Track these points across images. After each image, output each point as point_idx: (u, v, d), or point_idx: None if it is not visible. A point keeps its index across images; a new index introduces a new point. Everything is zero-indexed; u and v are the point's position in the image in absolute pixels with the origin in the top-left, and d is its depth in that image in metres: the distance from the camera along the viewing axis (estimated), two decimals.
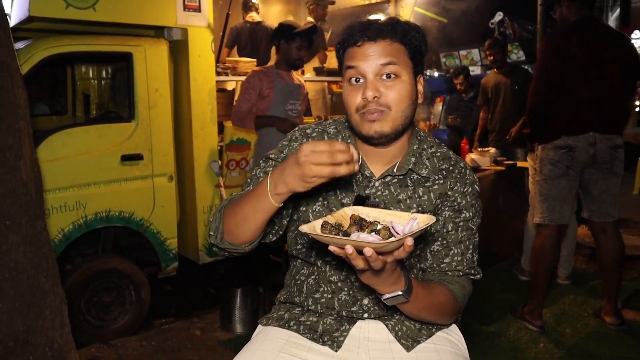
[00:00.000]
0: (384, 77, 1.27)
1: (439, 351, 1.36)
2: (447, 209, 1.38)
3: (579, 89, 2.98)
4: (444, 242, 1.38)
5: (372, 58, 1.27)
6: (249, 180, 1.44)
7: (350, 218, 1.15)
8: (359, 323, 1.40)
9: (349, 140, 1.40)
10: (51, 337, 2.19)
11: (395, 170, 1.37)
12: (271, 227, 1.40)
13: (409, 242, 1.01)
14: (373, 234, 1.09)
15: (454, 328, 1.49)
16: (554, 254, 3.21)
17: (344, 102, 1.33)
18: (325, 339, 1.37)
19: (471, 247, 1.40)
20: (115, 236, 3.74)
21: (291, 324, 1.42)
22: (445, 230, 1.38)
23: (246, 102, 3.74)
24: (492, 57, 4.88)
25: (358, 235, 1.07)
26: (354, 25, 1.31)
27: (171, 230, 3.79)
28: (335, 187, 1.38)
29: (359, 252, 1.02)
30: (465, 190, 1.39)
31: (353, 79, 1.30)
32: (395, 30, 1.29)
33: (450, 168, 1.40)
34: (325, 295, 1.41)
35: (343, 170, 1.08)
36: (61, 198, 3.30)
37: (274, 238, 1.44)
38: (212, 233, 1.34)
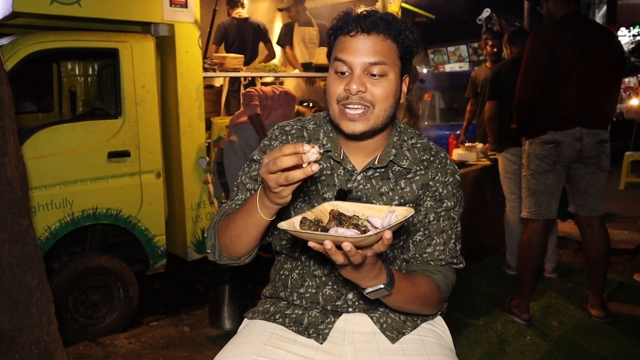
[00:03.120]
0: (370, 75, 1.27)
1: (424, 342, 1.37)
2: (428, 199, 1.39)
3: (566, 84, 3.00)
4: (426, 232, 1.39)
5: (362, 54, 1.26)
6: (235, 188, 1.44)
7: (330, 213, 1.14)
8: (344, 316, 1.41)
9: (330, 135, 1.40)
10: (38, 335, 2.18)
11: (376, 162, 1.37)
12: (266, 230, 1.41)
13: (387, 235, 1.01)
14: (352, 228, 1.09)
15: (438, 320, 1.50)
16: (541, 249, 3.23)
17: (326, 90, 1.33)
18: (311, 332, 1.38)
19: (453, 236, 1.41)
20: (102, 233, 3.73)
21: (277, 317, 1.42)
22: (427, 220, 1.39)
23: (264, 99, 4.01)
24: (491, 49, 4.87)
25: (336, 230, 1.07)
26: (349, 14, 1.29)
27: (159, 227, 3.78)
28: (317, 183, 1.38)
29: (339, 247, 1.02)
30: (446, 179, 1.40)
31: (339, 72, 1.29)
32: (391, 26, 1.27)
33: (431, 158, 1.41)
34: (309, 290, 1.42)
35: (297, 175, 1.03)
36: (47, 195, 3.28)
37: (270, 239, 1.46)
38: (209, 251, 1.35)
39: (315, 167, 1.03)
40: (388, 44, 1.28)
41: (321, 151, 1.06)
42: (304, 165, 1.03)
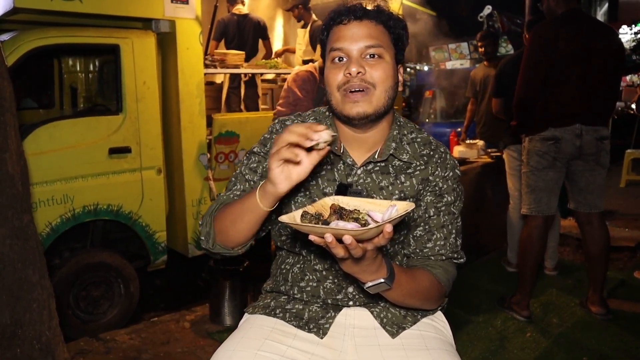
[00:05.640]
0: (368, 56, 1.30)
1: (424, 337, 1.37)
2: (429, 194, 1.40)
3: (566, 81, 3.00)
4: (427, 227, 1.40)
5: (357, 38, 1.30)
6: (233, 179, 1.45)
7: (330, 207, 1.15)
8: (345, 310, 1.41)
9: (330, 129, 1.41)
10: (39, 330, 2.19)
11: (376, 156, 1.38)
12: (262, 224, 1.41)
13: (388, 228, 1.01)
14: (352, 222, 1.09)
15: (439, 315, 1.50)
16: (541, 245, 3.24)
17: (326, 81, 1.35)
18: (311, 326, 1.38)
19: (454, 231, 1.42)
20: (103, 229, 3.73)
21: (277, 311, 1.43)
22: (427, 215, 1.40)
23: (307, 101, 3.97)
24: (483, 49, 4.90)
25: (337, 224, 1.07)
26: (339, 7, 1.35)
27: (160, 223, 3.79)
28: (317, 177, 1.39)
29: (339, 240, 1.02)
30: (446, 174, 1.41)
31: (336, 59, 1.32)
32: (381, 13, 1.33)
33: (431, 153, 1.42)
34: (310, 283, 1.42)
35: (293, 137, 1.10)
36: (49, 191, 3.29)
37: (263, 234, 1.46)
38: (203, 238, 1.36)
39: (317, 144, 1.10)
40: (380, 29, 1.33)
41: (334, 134, 1.10)
42: (312, 143, 1.09)
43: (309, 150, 1.13)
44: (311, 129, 1.09)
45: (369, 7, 1.33)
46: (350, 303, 1.41)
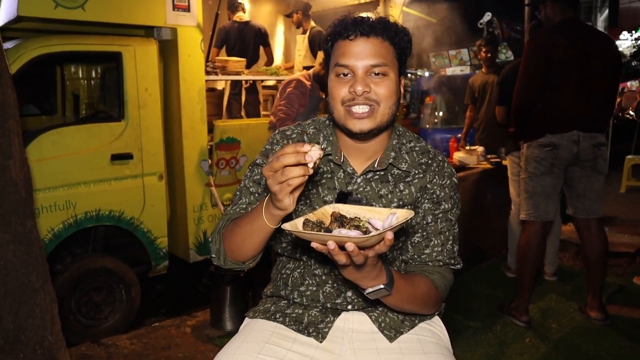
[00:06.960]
0: (373, 74, 1.31)
1: (422, 341, 1.39)
2: (426, 201, 1.42)
3: (563, 88, 3.03)
4: (424, 233, 1.42)
5: (363, 56, 1.30)
6: (238, 192, 1.47)
7: (331, 215, 1.17)
8: (344, 315, 1.43)
9: (330, 138, 1.43)
10: (41, 335, 2.21)
11: (376, 165, 1.40)
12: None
13: (389, 236, 1.04)
14: (353, 229, 1.11)
15: (436, 320, 1.53)
16: (539, 250, 3.26)
17: (329, 93, 1.36)
18: (310, 330, 1.40)
19: (451, 237, 1.44)
20: (105, 235, 3.75)
21: (277, 316, 1.45)
22: (425, 222, 1.42)
23: (293, 111, 3.92)
24: (485, 55, 4.92)
25: (339, 231, 1.09)
26: (346, 19, 1.34)
27: (161, 229, 3.81)
28: (317, 186, 1.41)
29: (341, 247, 1.04)
30: (443, 182, 1.43)
31: (341, 74, 1.33)
32: (388, 29, 1.33)
33: (429, 162, 1.44)
34: (310, 288, 1.44)
35: (295, 172, 1.07)
36: (51, 197, 3.31)
37: (272, 242, 1.48)
38: (214, 255, 1.39)
39: (310, 170, 1.06)
40: (386, 46, 1.33)
41: (322, 147, 1.08)
42: (309, 165, 1.07)
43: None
44: (300, 152, 1.06)
45: (374, 19, 1.32)
46: (349, 307, 1.43)
